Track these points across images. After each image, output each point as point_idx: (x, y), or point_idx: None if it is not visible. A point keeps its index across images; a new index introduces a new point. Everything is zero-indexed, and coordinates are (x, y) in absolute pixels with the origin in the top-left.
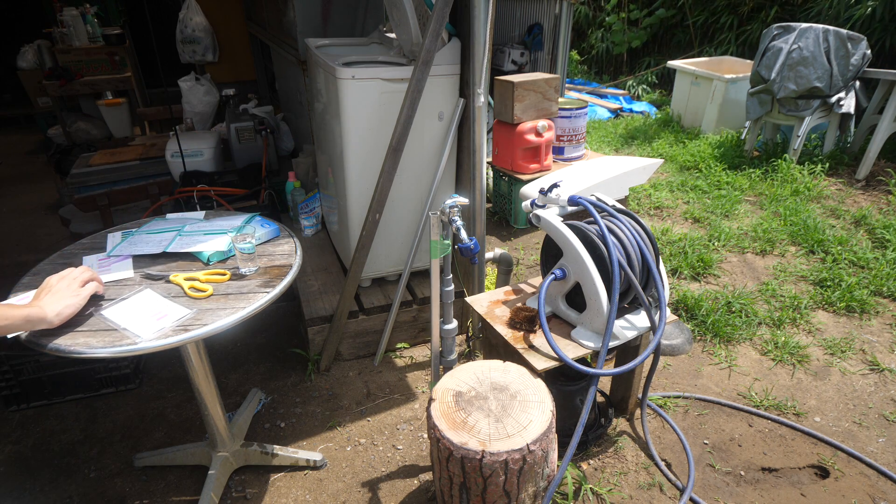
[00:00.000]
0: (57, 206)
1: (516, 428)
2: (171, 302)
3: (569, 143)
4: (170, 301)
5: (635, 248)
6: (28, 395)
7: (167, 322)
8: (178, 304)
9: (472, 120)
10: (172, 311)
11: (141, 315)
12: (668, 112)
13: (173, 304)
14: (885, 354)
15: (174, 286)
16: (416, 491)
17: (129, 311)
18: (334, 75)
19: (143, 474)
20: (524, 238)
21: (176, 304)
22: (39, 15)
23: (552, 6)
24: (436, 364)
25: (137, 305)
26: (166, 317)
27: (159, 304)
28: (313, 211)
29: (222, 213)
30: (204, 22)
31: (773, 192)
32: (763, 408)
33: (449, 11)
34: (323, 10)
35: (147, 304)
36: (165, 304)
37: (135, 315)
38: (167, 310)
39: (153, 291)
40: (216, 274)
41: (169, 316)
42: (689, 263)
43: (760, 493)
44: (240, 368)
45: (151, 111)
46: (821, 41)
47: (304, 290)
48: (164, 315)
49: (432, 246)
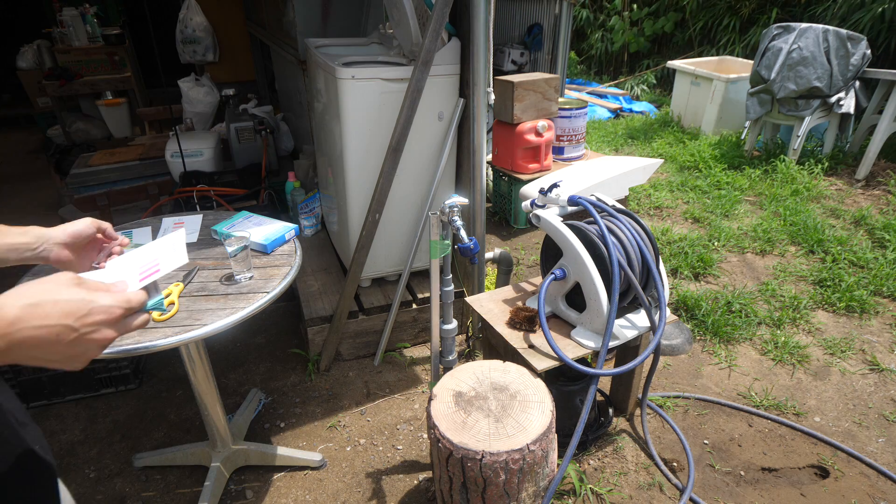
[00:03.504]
0: (57, 206)
1: (516, 428)
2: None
3: (569, 143)
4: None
5: (635, 248)
6: (28, 395)
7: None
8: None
9: (472, 120)
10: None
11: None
12: (667, 112)
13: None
14: (885, 354)
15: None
16: (416, 491)
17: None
18: (334, 75)
19: (142, 474)
20: (524, 238)
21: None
22: (39, 15)
23: (552, 6)
24: (436, 364)
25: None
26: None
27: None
28: (313, 211)
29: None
30: (204, 22)
31: (773, 192)
32: (763, 408)
33: (449, 11)
34: (323, 10)
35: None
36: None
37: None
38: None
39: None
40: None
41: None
42: (688, 263)
43: (760, 493)
44: (240, 368)
45: (151, 111)
46: (821, 41)
47: (304, 291)
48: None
49: (432, 246)
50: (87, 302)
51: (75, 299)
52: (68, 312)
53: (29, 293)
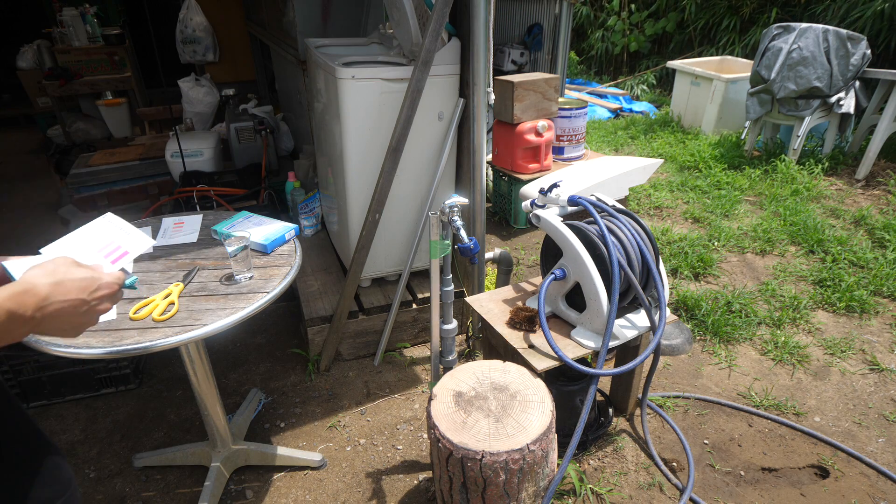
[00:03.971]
0: (57, 206)
1: (516, 428)
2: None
3: (569, 143)
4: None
5: (635, 248)
6: (28, 396)
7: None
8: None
9: (472, 120)
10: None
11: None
12: (667, 112)
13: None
14: (885, 354)
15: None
16: (416, 491)
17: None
18: (334, 75)
19: (142, 474)
20: (524, 238)
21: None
22: (39, 15)
23: (552, 6)
24: (436, 364)
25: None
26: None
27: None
28: (313, 211)
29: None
30: (204, 22)
31: (773, 192)
32: (763, 408)
33: (449, 11)
34: (323, 10)
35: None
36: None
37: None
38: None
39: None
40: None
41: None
42: (688, 263)
43: (760, 493)
44: (240, 368)
45: (151, 111)
46: (820, 41)
47: (304, 290)
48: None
49: (432, 246)
50: (95, 279)
51: (87, 277)
52: (83, 288)
53: (51, 272)
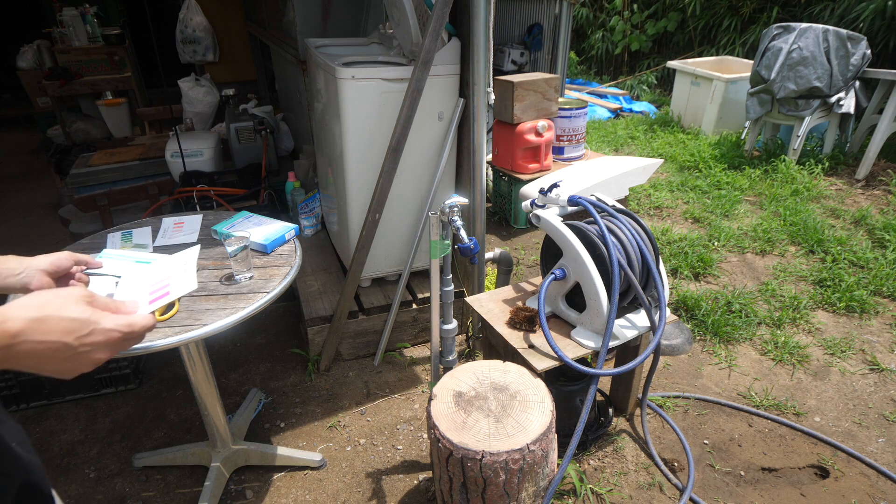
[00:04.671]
0: (57, 206)
1: (516, 428)
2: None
3: (569, 143)
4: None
5: (635, 248)
6: (28, 396)
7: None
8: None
9: (472, 120)
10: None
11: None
12: (668, 112)
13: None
14: (885, 354)
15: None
16: (416, 491)
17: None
18: (334, 75)
19: (142, 474)
20: (524, 238)
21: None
22: (39, 15)
23: (552, 6)
24: (436, 364)
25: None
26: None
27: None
28: (313, 211)
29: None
30: (204, 22)
31: (773, 192)
32: (763, 408)
33: (449, 11)
34: (323, 10)
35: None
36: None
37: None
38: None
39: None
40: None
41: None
42: (688, 263)
43: (760, 493)
44: (240, 368)
45: (151, 111)
46: (820, 41)
47: (304, 290)
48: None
49: (432, 246)
50: (91, 323)
51: (80, 318)
52: (70, 330)
53: (37, 306)
